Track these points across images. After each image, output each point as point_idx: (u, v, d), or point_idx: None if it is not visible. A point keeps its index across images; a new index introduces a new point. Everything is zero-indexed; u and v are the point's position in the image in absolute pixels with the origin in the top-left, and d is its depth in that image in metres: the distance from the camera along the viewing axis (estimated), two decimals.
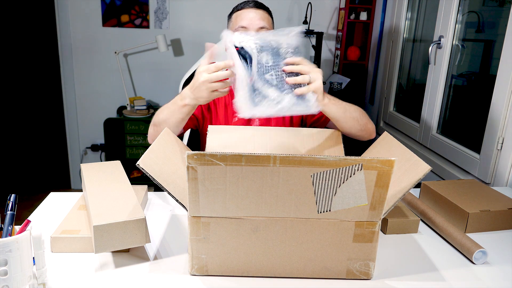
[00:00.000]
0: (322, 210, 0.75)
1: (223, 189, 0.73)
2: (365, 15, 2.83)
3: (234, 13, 1.29)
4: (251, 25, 1.24)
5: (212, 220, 0.76)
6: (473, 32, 1.89)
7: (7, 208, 0.73)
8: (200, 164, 0.70)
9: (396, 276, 0.84)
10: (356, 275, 0.81)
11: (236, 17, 1.27)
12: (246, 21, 1.25)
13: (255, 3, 1.28)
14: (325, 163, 0.70)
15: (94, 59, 3.04)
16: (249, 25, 1.24)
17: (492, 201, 1.09)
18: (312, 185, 0.72)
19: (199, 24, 3.03)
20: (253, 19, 1.25)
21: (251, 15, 1.25)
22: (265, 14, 1.28)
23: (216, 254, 0.79)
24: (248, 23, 1.24)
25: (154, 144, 0.93)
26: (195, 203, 0.75)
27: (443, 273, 0.85)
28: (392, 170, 0.71)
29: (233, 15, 1.30)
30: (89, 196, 0.93)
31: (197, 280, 0.80)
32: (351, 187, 0.73)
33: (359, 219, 0.76)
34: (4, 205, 0.76)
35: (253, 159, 0.70)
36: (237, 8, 1.29)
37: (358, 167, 0.71)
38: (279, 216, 0.76)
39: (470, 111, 1.90)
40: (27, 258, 0.69)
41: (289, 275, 0.81)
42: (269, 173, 0.71)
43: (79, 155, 3.25)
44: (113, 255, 0.87)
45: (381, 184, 0.72)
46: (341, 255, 0.79)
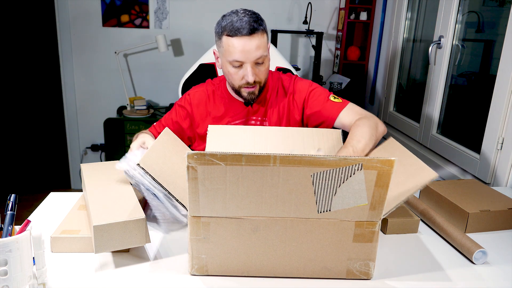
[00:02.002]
0: (322, 210, 0.75)
1: (223, 189, 0.73)
2: (365, 15, 2.83)
3: (225, 35, 1.16)
4: (247, 58, 1.16)
5: (212, 220, 0.76)
6: (473, 32, 1.89)
7: (7, 208, 0.73)
8: (200, 163, 0.70)
9: (396, 276, 0.84)
10: (356, 275, 0.81)
11: (229, 45, 1.15)
12: (241, 55, 1.15)
13: (249, 28, 1.13)
14: (325, 163, 0.70)
15: (94, 59, 3.04)
16: (245, 59, 1.16)
17: (492, 201, 1.09)
18: (312, 185, 0.72)
19: (199, 24, 3.03)
20: (249, 52, 1.15)
21: (247, 48, 1.14)
22: (260, 39, 1.16)
23: (216, 254, 0.79)
24: (244, 57, 1.15)
25: (154, 144, 0.93)
26: (195, 203, 0.75)
27: (443, 273, 0.85)
28: (392, 170, 0.71)
29: (223, 38, 1.17)
30: (89, 196, 0.93)
31: (197, 280, 0.80)
32: (351, 187, 0.73)
33: (359, 219, 0.76)
34: (4, 205, 0.76)
35: (253, 158, 0.70)
36: (228, 32, 1.15)
37: (358, 166, 0.71)
38: (279, 216, 0.76)
39: (470, 111, 1.90)
40: (27, 258, 0.69)
41: (289, 275, 0.81)
42: (269, 173, 0.71)
43: (79, 155, 3.25)
44: (113, 255, 0.87)
45: (381, 184, 0.72)
46: (341, 255, 0.79)
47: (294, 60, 3.16)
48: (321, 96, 1.28)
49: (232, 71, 1.19)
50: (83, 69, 3.06)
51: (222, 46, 1.19)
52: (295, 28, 3.07)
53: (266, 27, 1.21)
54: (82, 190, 1.06)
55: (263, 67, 1.20)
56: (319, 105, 1.26)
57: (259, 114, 1.32)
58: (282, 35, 3.04)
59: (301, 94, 1.30)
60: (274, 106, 1.31)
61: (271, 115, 1.31)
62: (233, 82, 1.22)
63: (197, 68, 1.63)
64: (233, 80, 1.21)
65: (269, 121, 1.32)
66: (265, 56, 1.19)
